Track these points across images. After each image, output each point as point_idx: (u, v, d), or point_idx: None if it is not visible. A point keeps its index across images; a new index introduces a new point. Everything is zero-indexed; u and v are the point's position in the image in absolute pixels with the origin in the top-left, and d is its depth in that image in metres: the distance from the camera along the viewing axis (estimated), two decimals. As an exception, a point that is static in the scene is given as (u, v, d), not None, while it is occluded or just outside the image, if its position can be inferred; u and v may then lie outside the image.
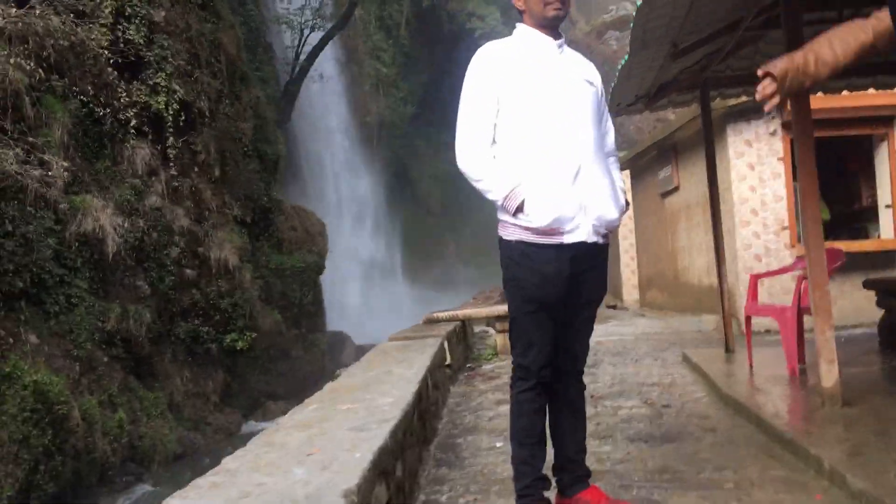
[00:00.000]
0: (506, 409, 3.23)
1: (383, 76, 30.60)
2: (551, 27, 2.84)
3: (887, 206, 9.90)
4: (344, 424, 2.91)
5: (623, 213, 2.92)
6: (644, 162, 13.34)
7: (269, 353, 14.41)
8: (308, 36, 21.04)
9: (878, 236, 10.07)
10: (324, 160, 25.99)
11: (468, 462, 3.99)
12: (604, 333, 9.80)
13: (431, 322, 7.00)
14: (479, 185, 2.79)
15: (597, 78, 2.95)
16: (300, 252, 15.43)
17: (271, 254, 14.91)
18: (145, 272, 11.51)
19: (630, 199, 15.41)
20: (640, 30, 4.28)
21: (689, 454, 3.86)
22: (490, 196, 2.78)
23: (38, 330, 9.04)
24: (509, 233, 2.81)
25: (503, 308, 7.00)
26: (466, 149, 2.80)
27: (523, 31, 2.89)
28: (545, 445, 2.89)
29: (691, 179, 10.75)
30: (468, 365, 7.25)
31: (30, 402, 7.80)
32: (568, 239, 2.73)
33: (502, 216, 2.82)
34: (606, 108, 3.00)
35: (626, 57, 5.13)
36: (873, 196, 10.26)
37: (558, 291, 2.75)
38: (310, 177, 24.38)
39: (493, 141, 2.81)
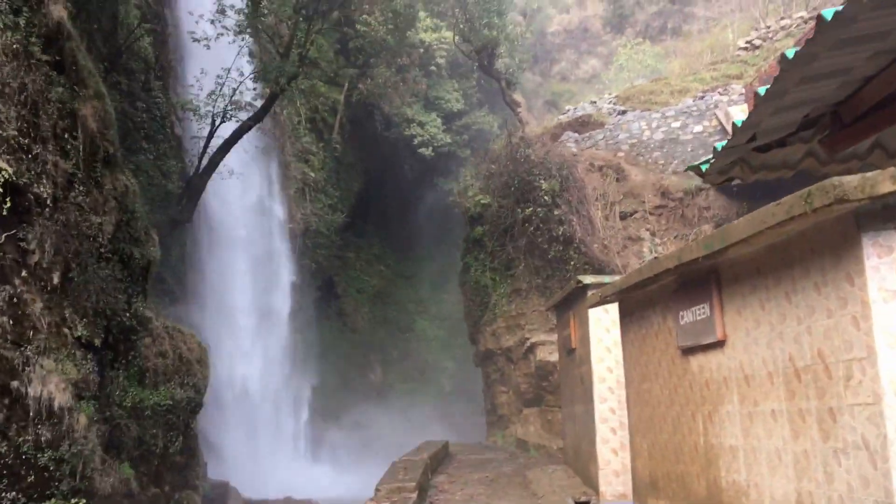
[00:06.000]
0: None
1: (311, 180, 27.97)
2: None
3: None
4: None
5: None
6: (645, 294, 8.50)
7: (110, 522, 10.72)
8: (219, 126, 18.29)
9: None
10: (230, 269, 22.62)
11: None
12: None
13: None
14: None
15: None
16: (169, 385, 12.01)
17: (129, 387, 11.44)
18: (-87, 418, 8.03)
19: (616, 343, 10.99)
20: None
21: None
22: None
23: None
24: None
25: None
26: None
27: None
28: None
29: (756, 332, 6.25)
30: None
31: None
32: None
33: None
34: None
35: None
36: None
37: None
38: (208, 289, 20.96)
39: None
